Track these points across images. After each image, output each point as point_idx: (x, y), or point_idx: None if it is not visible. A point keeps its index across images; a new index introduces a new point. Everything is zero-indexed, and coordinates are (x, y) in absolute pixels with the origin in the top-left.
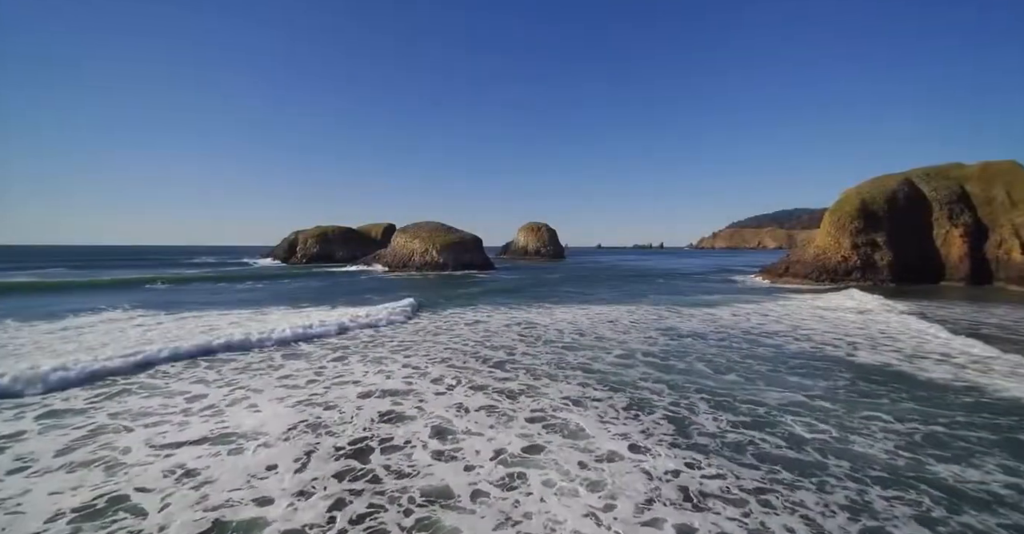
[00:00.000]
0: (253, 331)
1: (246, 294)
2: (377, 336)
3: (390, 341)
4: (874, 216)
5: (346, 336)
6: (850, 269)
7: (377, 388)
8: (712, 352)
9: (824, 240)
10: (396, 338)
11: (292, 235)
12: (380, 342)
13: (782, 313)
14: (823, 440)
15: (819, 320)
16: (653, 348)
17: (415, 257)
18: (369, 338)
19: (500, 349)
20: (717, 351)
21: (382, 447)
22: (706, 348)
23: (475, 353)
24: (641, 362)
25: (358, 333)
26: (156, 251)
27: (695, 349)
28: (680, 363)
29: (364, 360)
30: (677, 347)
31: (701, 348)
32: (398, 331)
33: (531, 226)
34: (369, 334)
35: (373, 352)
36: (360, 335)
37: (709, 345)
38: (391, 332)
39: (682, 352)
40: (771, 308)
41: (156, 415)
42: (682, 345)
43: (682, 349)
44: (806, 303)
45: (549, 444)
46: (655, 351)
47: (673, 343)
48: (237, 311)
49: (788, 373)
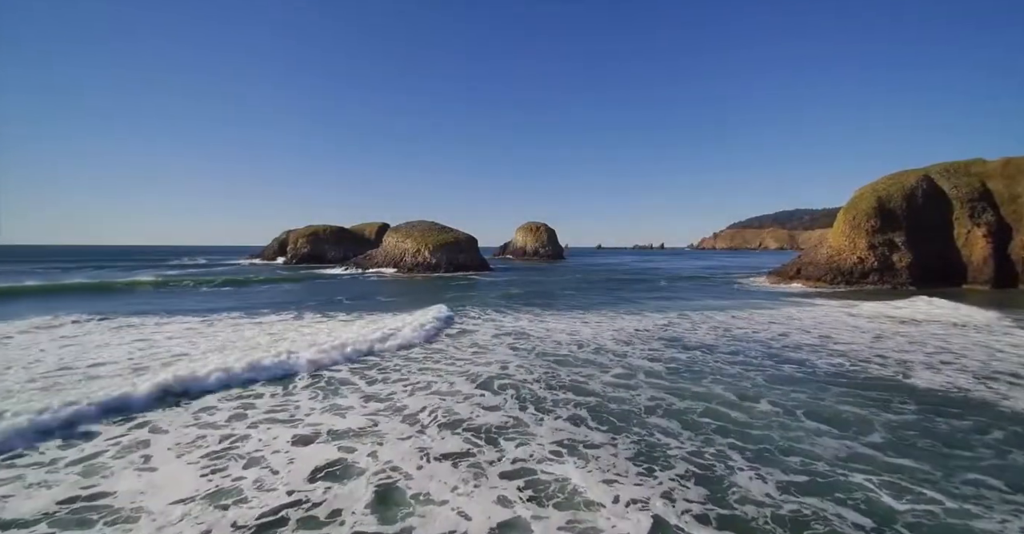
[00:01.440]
0: (176, 360)
1: (198, 302)
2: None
3: (347, 363)
4: (891, 215)
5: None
6: (866, 271)
7: (325, 429)
8: (731, 371)
9: (838, 240)
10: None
11: (283, 235)
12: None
13: (805, 321)
14: (925, 518)
15: (851, 330)
16: (658, 365)
17: (406, 257)
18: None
19: (487, 366)
20: (737, 370)
21: (301, 520)
22: (722, 366)
23: (458, 372)
24: (645, 383)
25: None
26: (145, 251)
27: (709, 367)
28: (694, 386)
29: (312, 388)
30: (687, 363)
31: (716, 365)
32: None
33: (530, 226)
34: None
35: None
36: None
37: (725, 362)
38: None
39: (695, 371)
40: (790, 315)
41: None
42: (693, 361)
43: (694, 366)
44: (828, 309)
45: (536, 518)
46: (661, 370)
47: (681, 357)
48: (181, 319)
49: (835, 402)
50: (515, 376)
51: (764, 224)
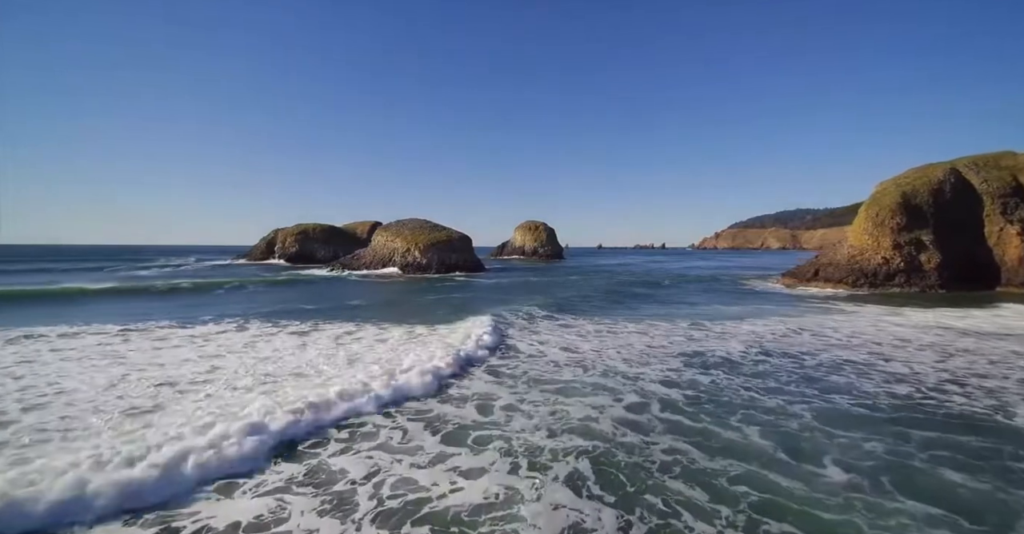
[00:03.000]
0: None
1: (138, 307)
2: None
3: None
4: (918, 211)
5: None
6: (892, 273)
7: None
8: (766, 403)
9: (860, 239)
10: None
11: (271, 234)
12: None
13: (840, 332)
14: None
15: (901, 344)
16: (676, 392)
17: (396, 257)
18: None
19: (461, 405)
20: (774, 401)
21: None
22: (754, 394)
23: (414, 412)
24: (661, 422)
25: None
26: (132, 251)
27: (738, 396)
28: (723, 428)
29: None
30: (710, 390)
31: (746, 394)
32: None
33: (528, 225)
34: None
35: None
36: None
37: (757, 388)
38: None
39: (721, 403)
40: (820, 324)
41: None
42: (717, 387)
43: (719, 395)
44: (862, 316)
45: None
46: (679, 400)
47: (703, 381)
48: (97, 330)
49: (930, 461)
50: (504, 424)
51: (766, 224)
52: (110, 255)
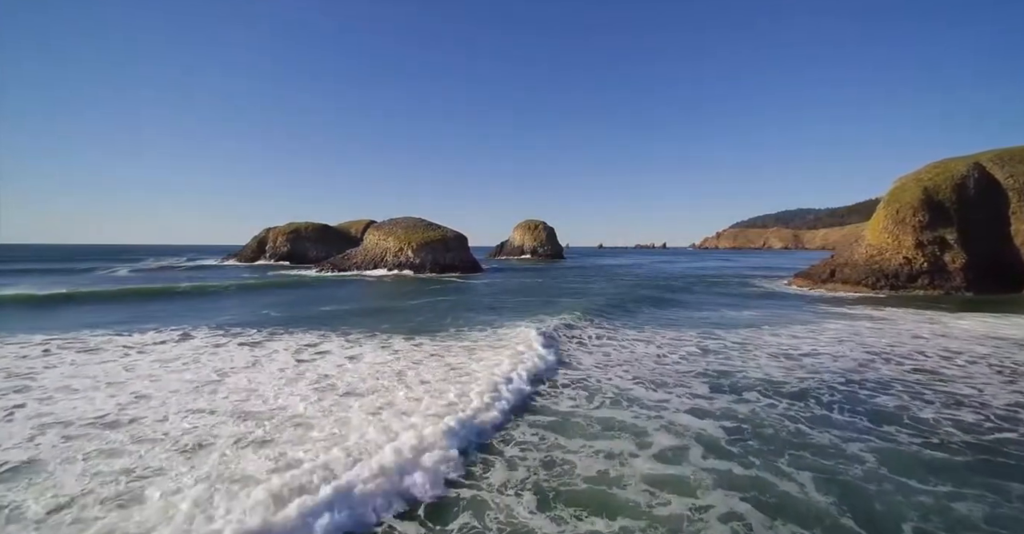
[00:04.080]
0: None
1: (70, 317)
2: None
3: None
4: (941, 208)
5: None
6: (915, 274)
7: None
8: (817, 439)
9: (880, 238)
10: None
11: (263, 233)
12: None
13: (877, 343)
14: None
15: (950, 358)
16: (711, 424)
17: (388, 257)
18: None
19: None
20: (826, 437)
21: None
22: (802, 426)
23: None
24: (707, 473)
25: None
26: (119, 250)
27: (784, 429)
28: (780, 480)
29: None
30: (750, 422)
31: (792, 426)
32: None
33: (528, 224)
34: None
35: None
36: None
37: (803, 417)
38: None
39: (765, 438)
40: (854, 333)
41: None
42: (756, 418)
43: (762, 428)
44: (896, 324)
45: None
46: (719, 438)
47: (739, 410)
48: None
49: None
50: (483, 476)
51: (767, 223)
52: (103, 255)
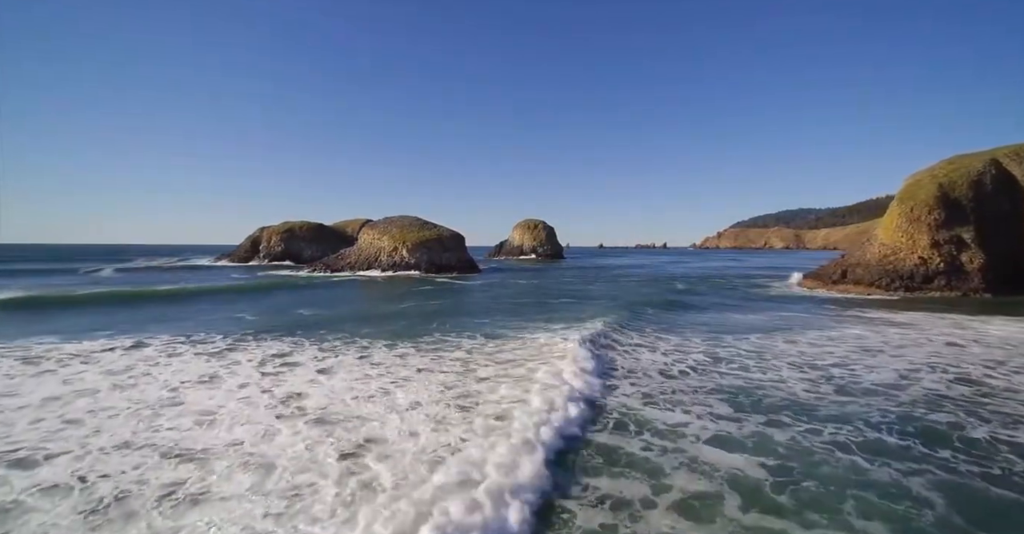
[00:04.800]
0: None
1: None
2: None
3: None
4: (957, 206)
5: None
6: (931, 274)
7: None
8: (876, 474)
9: (893, 236)
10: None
11: (257, 232)
12: None
13: (908, 351)
14: None
15: (992, 367)
16: (744, 461)
17: (382, 257)
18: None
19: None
20: (885, 471)
21: None
22: (857, 458)
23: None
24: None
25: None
26: (111, 250)
27: (836, 461)
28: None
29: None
30: (796, 458)
31: (847, 458)
32: None
33: (527, 223)
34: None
35: None
36: None
37: (853, 445)
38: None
39: (821, 478)
40: (878, 340)
41: None
42: (799, 450)
43: (812, 468)
44: (921, 329)
45: None
46: (763, 483)
47: (776, 440)
48: None
49: None
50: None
51: (768, 223)
52: (97, 255)
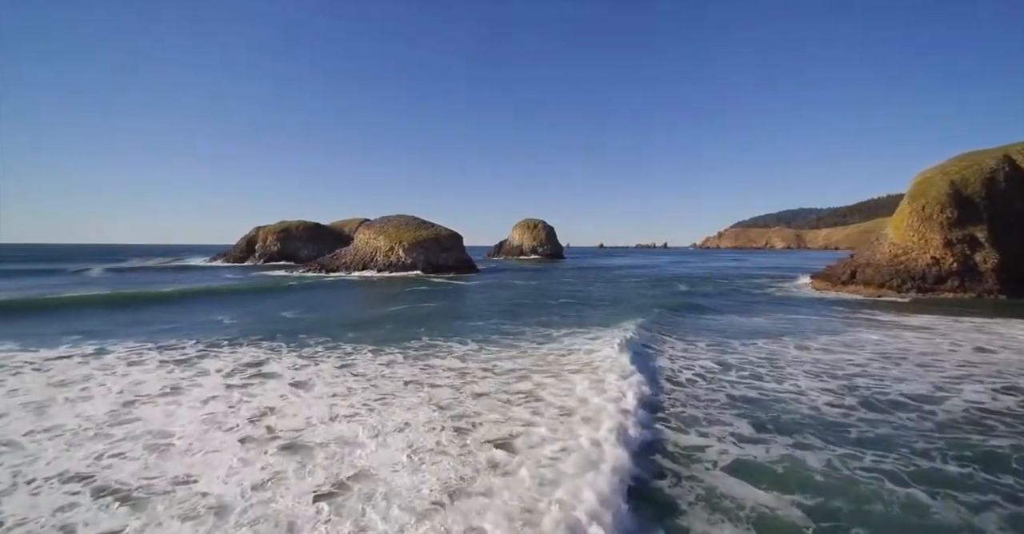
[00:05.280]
0: None
1: None
2: None
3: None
4: (970, 204)
5: None
6: (944, 275)
7: None
8: (943, 515)
9: (904, 236)
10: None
11: (253, 231)
12: None
13: (935, 358)
14: None
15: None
16: (783, 507)
17: (378, 257)
18: None
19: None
20: (952, 508)
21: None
22: (915, 491)
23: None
24: None
25: None
26: (115, 250)
27: (888, 495)
28: None
29: None
30: (838, 486)
31: (902, 491)
32: None
33: (527, 223)
34: None
35: None
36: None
37: (902, 473)
38: None
39: (876, 518)
40: (898, 346)
41: None
42: (837, 473)
43: (860, 497)
44: (939, 333)
45: None
46: (803, 525)
47: (815, 466)
48: None
49: None
50: None
51: (769, 223)
52: (94, 255)
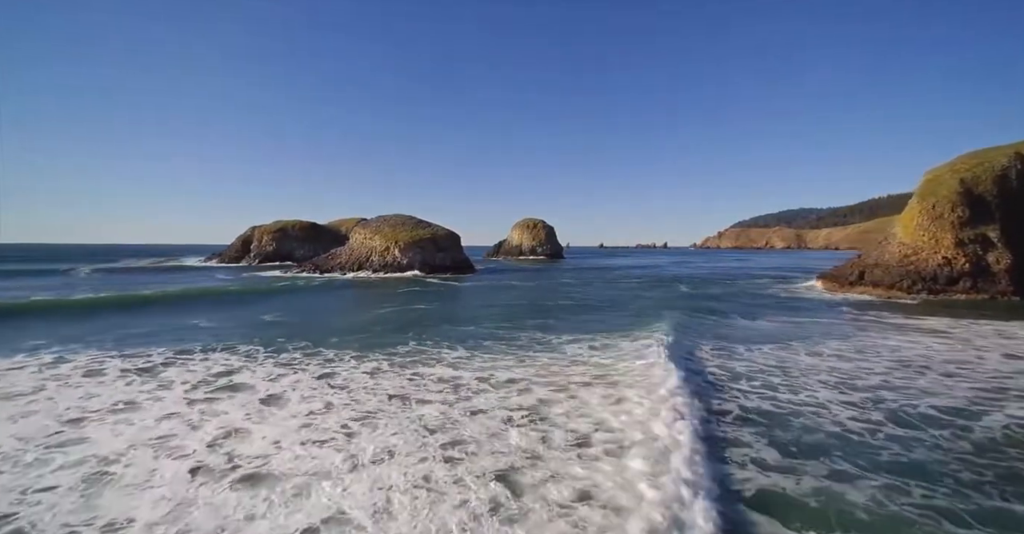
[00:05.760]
0: None
1: None
2: None
3: None
4: (981, 202)
5: None
6: (956, 276)
7: None
8: None
9: (914, 235)
10: None
11: (248, 231)
12: None
13: (961, 366)
14: None
15: None
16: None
17: (374, 257)
18: None
19: None
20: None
21: None
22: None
23: None
24: None
25: None
26: (111, 250)
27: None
28: None
29: None
30: (880, 525)
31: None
32: None
33: (526, 222)
34: None
35: None
36: None
37: (959, 512)
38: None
39: None
40: (919, 352)
41: None
42: (874, 507)
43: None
44: (960, 338)
45: None
46: None
47: (856, 500)
48: None
49: None
50: None
51: (769, 223)
52: (89, 256)
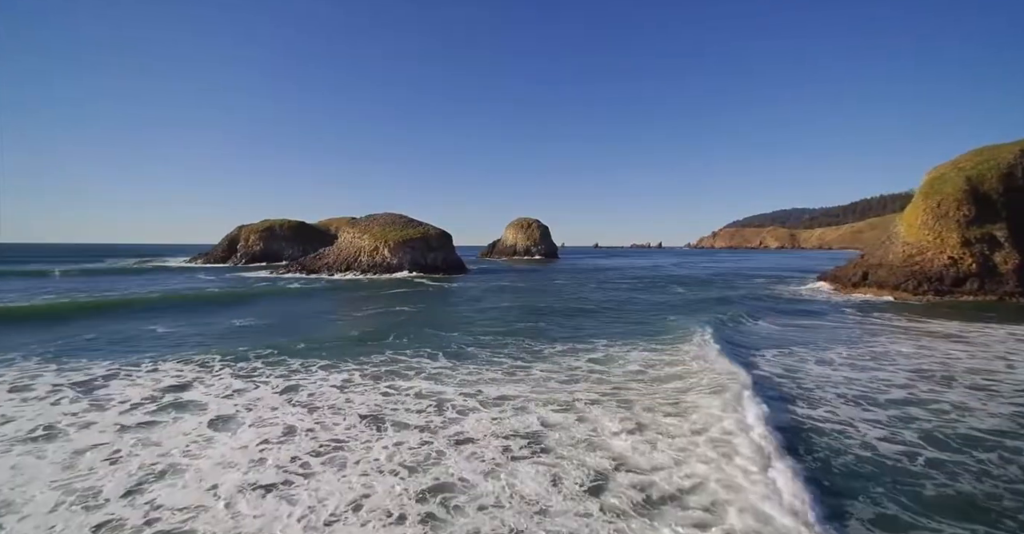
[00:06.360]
0: None
1: None
2: None
3: None
4: (987, 201)
5: None
6: (962, 276)
7: None
8: None
9: (918, 235)
10: None
11: (235, 231)
12: None
13: (988, 377)
14: None
15: None
16: None
17: (362, 257)
18: None
19: None
20: None
21: None
22: None
23: None
24: None
25: None
26: (107, 250)
27: None
28: None
29: None
30: None
31: None
32: None
33: (521, 222)
34: None
35: None
36: None
37: None
38: None
39: None
40: (944, 362)
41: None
42: None
43: None
44: (978, 345)
45: None
46: None
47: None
48: None
49: None
50: None
51: (763, 223)
52: (80, 255)
